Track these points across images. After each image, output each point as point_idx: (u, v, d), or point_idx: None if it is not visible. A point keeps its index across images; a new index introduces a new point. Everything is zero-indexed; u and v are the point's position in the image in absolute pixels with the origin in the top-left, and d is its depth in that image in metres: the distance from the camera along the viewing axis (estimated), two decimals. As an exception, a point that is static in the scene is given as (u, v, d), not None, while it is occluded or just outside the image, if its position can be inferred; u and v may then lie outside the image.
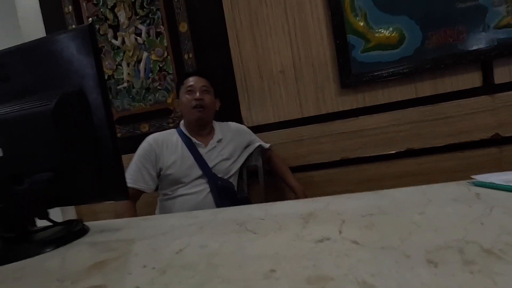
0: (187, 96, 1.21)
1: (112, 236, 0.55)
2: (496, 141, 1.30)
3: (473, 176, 0.52)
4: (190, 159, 1.18)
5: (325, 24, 1.41)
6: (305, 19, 1.44)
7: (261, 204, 0.62)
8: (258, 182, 1.38)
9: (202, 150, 1.20)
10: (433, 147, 1.35)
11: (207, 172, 1.18)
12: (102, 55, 1.62)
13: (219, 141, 1.25)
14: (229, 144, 1.28)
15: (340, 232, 0.39)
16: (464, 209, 0.42)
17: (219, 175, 1.21)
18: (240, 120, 1.51)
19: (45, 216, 0.55)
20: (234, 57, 1.52)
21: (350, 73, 1.38)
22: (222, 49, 1.54)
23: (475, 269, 0.26)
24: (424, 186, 0.52)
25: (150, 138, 1.21)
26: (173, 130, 1.26)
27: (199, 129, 1.23)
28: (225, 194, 1.18)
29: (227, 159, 1.24)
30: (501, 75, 1.28)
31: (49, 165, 0.50)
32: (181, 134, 1.23)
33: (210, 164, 1.19)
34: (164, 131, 1.26)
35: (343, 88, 1.41)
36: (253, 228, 0.48)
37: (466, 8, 1.27)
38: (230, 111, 1.53)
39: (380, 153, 1.40)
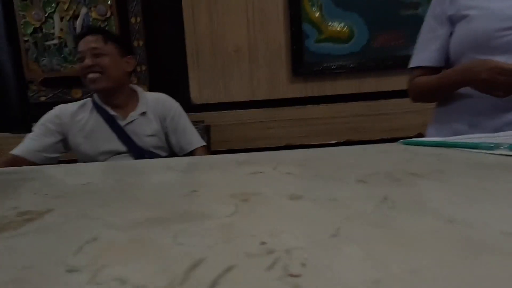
0: (78, 64, 0.99)
1: None
2: (421, 139, 1.45)
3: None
4: (107, 132, 1.01)
5: (283, 9, 1.41)
6: (264, 1, 1.42)
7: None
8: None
9: (121, 123, 1.02)
10: (369, 140, 1.45)
11: (131, 146, 1.01)
12: (29, 2, 1.38)
13: (143, 114, 1.04)
14: (156, 119, 1.06)
15: (275, 168, 0.37)
16: (393, 155, 0.44)
17: (148, 150, 1.04)
18: (188, 96, 1.43)
19: None
20: (187, 29, 1.43)
21: (302, 62, 1.41)
22: (175, 19, 1.44)
23: (402, 183, 0.28)
24: (358, 146, 0.54)
25: (58, 110, 1.02)
26: (87, 100, 1.07)
27: (109, 99, 1.03)
28: None
29: (152, 135, 1.04)
30: (430, 80, 1.44)
31: None
32: (96, 104, 1.04)
33: (134, 138, 1.02)
34: (76, 102, 1.06)
35: (295, 75, 1.43)
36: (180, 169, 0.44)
37: (407, 16, 1.39)
38: (177, 86, 1.44)
39: (322, 142, 1.45)
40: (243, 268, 0.14)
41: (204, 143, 1.10)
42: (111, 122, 1.01)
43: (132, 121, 1.02)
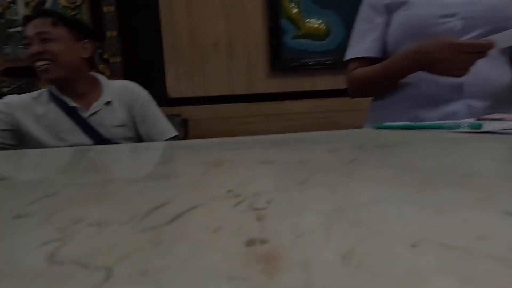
0: (25, 51, 0.88)
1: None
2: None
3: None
4: (69, 125, 0.93)
5: (261, 4, 1.42)
6: (242, -4, 1.42)
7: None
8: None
9: (83, 115, 0.94)
10: (345, 135, 1.49)
11: (98, 139, 0.94)
12: (-11, -15, 1.29)
13: (108, 103, 0.95)
14: (123, 109, 0.98)
15: (250, 146, 0.37)
16: (363, 135, 0.45)
17: (116, 142, 0.99)
18: (164, 89, 1.39)
19: None
20: (164, 21, 1.40)
21: (280, 57, 1.42)
22: (151, 9, 1.40)
23: (369, 151, 0.28)
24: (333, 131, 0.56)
25: (7, 100, 0.91)
26: (42, 91, 0.96)
27: (66, 89, 0.94)
28: None
29: (120, 126, 0.97)
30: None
31: None
32: (52, 95, 0.95)
33: (101, 130, 0.95)
34: (28, 94, 0.95)
35: (273, 71, 1.44)
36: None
37: (381, 15, 1.44)
38: (153, 78, 1.40)
39: (301, 137, 1.48)
40: (208, 207, 0.14)
41: (176, 133, 1.06)
42: (72, 114, 0.90)
43: (96, 111, 0.93)
